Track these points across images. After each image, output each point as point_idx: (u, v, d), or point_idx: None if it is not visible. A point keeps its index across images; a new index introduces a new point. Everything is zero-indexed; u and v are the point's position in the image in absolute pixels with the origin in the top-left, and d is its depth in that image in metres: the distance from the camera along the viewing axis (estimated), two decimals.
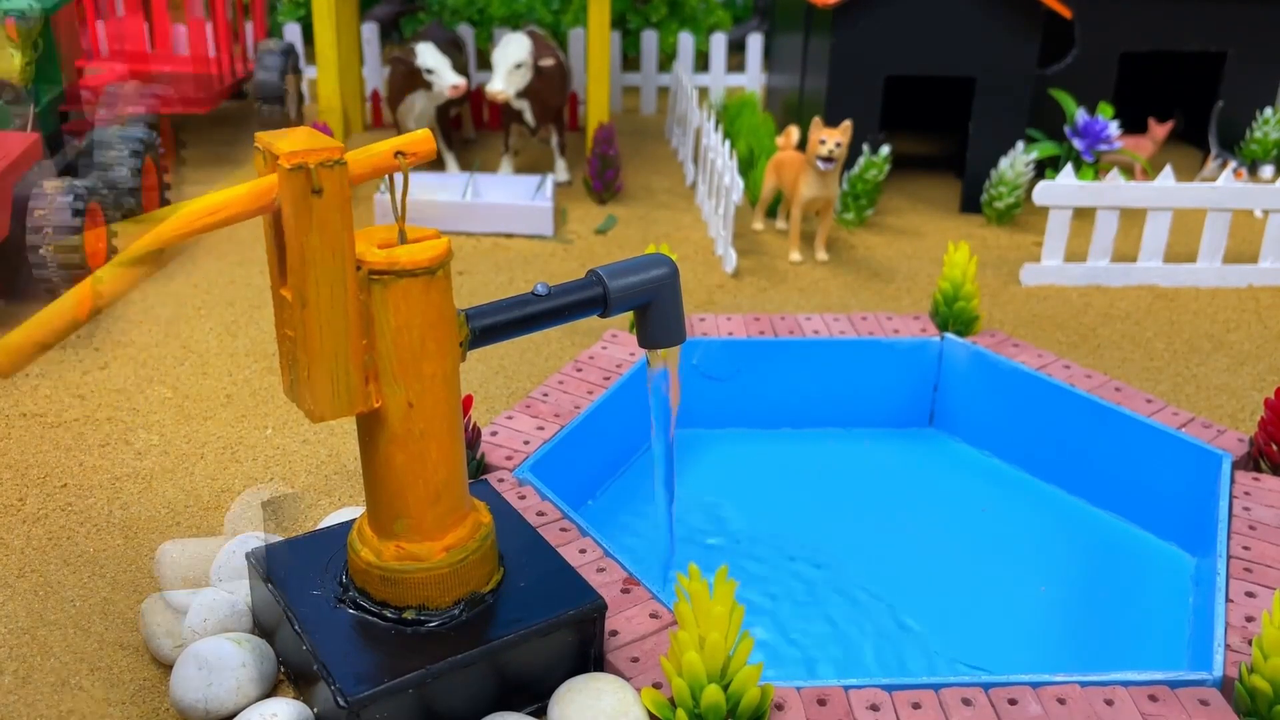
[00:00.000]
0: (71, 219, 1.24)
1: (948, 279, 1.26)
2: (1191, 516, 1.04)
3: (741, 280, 1.56)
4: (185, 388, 1.22)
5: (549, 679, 0.77)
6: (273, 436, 1.13)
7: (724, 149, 1.63)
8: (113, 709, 0.73)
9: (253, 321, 1.39)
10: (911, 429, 1.24)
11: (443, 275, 0.70)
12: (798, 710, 0.76)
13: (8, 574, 0.85)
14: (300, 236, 0.65)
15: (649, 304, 0.81)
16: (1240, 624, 0.84)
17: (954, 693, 0.77)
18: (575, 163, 2.04)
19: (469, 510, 0.77)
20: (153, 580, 0.85)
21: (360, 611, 0.76)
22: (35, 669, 0.76)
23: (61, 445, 1.02)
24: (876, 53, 1.78)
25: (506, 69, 1.76)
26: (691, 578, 0.75)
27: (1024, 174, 1.75)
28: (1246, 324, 1.45)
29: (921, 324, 1.27)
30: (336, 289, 0.66)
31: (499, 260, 1.62)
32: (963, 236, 1.72)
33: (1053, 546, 1.03)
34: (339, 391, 0.69)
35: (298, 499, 1.03)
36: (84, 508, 0.93)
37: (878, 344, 1.23)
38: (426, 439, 0.72)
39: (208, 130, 2.20)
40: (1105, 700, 0.77)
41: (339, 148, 0.64)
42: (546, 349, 1.33)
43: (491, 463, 1.01)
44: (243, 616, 0.84)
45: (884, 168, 1.74)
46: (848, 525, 1.05)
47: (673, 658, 0.75)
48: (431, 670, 0.72)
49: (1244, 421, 1.20)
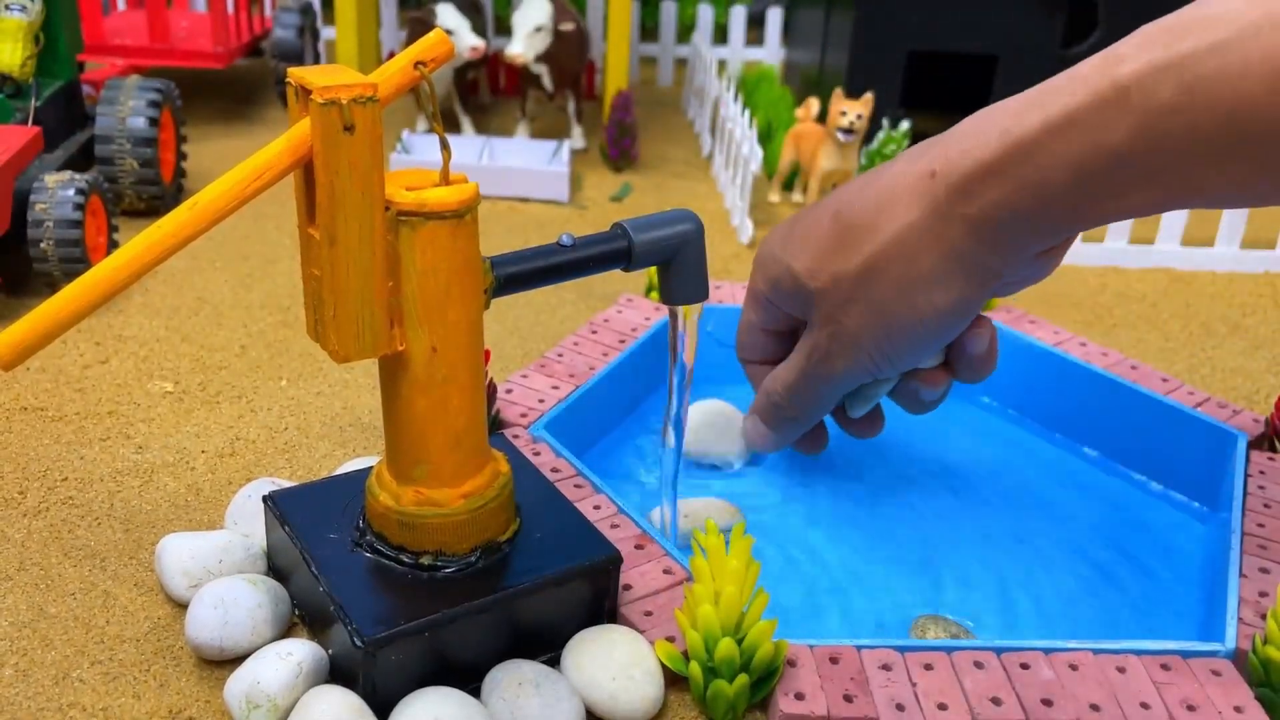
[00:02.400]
0: (73, 213, 1.23)
1: None
2: (1206, 493, 1.04)
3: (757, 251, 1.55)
4: (200, 338, 1.22)
5: (563, 629, 0.78)
6: (287, 387, 1.13)
7: (743, 119, 1.62)
8: (113, 701, 0.73)
9: (267, 275, 1.38)
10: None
11: (470, 220, 0.69)
12: (810, 667, 0.76)
13: (8, 567, 0.85)
14: (330, 174, 0.64)
15: (673, 259, 0.81)
16: (1254, 598, 0.84)
17: (966, 656, 0.77)
18: (591, 130, 2.04)
19: (488, 459, 0.77)
20: (153, 574, 0.85)
21: (377, 555, 0.76)
22: (35, 662, 0.76)
23: (62, 440, 1.02)
24: (899, 28, 1.77)
25: (526, 32, 1.75)
26: (709, 532, 0.76)
27: None
28: (1263, 308, 1.45)
29: None
30: (365, 228, 0.66)
31: (513, 224, 1.61)
32: None
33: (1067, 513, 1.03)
34: (363, 332, 0.69)
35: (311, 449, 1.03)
36: (85, 500, 0.93)
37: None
38: (449, 385, 0.72)
39: (223, 87, 2.20)
40: (1117, 668, 0.77)
41: (373, 85, 0.64)
42: (561, 311, 1.33)
43: (506, 419, 1.01)
44: (258, 560, 0.84)
45: (903, 143, 1.74)
46: (860, 487, 1.05)
47: (687, 611, 0.75)
48: (448, 614, 0.72)
49: (1259, 403, 1.20)
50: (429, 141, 1.80)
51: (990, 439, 1.15)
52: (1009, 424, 1.18)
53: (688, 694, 0.77)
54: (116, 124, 1.46)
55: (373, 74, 0.69)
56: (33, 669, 0.76)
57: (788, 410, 0.95)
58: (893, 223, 0.82)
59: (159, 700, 0.74)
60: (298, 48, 2.06)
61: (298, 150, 0.66)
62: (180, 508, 0.93)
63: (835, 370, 0.89)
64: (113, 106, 1.47)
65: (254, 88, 2.23)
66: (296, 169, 0.68)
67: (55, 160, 1.41)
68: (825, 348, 0.88)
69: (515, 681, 0.72)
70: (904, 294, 0.82)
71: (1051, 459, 1.12)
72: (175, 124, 1.59)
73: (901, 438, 1.14)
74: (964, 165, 0.78)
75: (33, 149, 1.31)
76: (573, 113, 1.93)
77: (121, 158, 1.47)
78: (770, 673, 0.74)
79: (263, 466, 1.00)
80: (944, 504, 1.04)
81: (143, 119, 1.47)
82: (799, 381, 0.92)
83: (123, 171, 1.47)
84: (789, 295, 0.90)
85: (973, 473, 1.09)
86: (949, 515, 1.02)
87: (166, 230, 0.66)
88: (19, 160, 1.26)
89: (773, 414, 0.96)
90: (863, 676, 0.75)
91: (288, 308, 1.30)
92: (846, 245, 0.84)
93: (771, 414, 0.96)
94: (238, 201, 0.66)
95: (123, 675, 0.76)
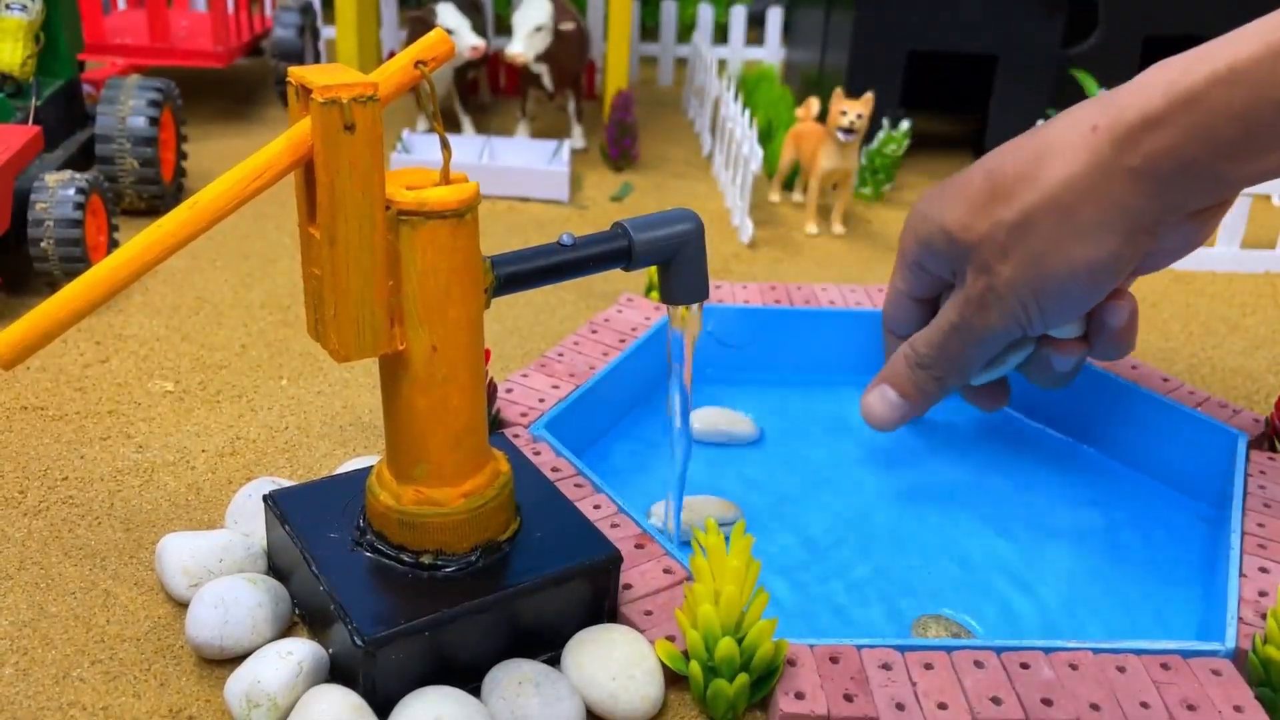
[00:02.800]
0: (73, 212, 1.24)
1: None
2: (1206, 493, 1.04)
3: (757, 251, 1.55)
4: (201, 338, 1.22)
5: (563, 629, 0.78)
6: (288, 387, 1.13)
7: (743, 118, 1.62)
8: (113, 700, 0.73)
9: (268, 275, 1.38)
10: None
11: (470, 219, 0.69)
12: (810, 667, 0.76)
13: (9, 566, 0.85)
14: (330, 173, 0.65)
15: (673, 259, 0.81)
16: (1254, 598, 0.84)
17: (966, 655, 0.77)
18: (591, 130, 2.04)
19: (488, 458, 0.77)
20: (154, 573, 0.85)
21: (377, 555, 0.76)
22: (36, 661, 0.76)
23: (63, 439, 1.02)
24: (900, 28, 1.77)
25: (526, 31, 1.75)
26: (709, 532, 0.76)
27: None
28: (1263, 308, 1.45)
29: None
30: (365, 227, 0.66)
31: (513, 223, 1.61)
32: None
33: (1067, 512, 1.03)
34: (364, 331, 0.69)
35: (311, 448, 1.03)
36: (85, 500, 0.93)
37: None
38: (449, 384, 0.72)
39: (223, 87, 2.20)
40: (1117, 667, 0.77)
41: (373, 84, 0.64)
42: (561, 311, 1.33)
43: (507, 419, 1.01)
44: (258, 559, 0.84)
45: (904, 142, 1.74)
46: (860, 486, 1.05)
47: (687, 610, 0.75)
48: (448, 614, 0.72)
49: (1259, 403, 1.20)
50: (429, 141, 1.80)
51: (991, 438, 1.15)
52: (1010, 423, 1.18)
53: (688, 693, 0.77)
54: (117, 123, 1.46)
55: (373, 73, 0.69)
56: (33, 668, 0.76)
57: (932, 369, 0.95)
58: (1052, 174, 0.84)
59: (159, 699, 0.74)
60: (298, 47, 2.06)
61: (298, 149, 0.66)
62: (180, 507, 0.93)
63: (986, 322, 0.89)
64: (113, 106, 1.47)
65: (254, 87, 2.23)
66: (297, 168, 0.68)
67: (55, 159, 1.41)
68: (977, 300, 0.89)
69: (515, 681, 0.72)
70: (1060, 245, 0.83)
71: (1052, 458, 1.12)
72: (175, 123, 1.59)
73: (902, 437, 1.14)
74: (1128, 117, 0.81)
75: (33, 148, 1.31)
76: (573, 112, 1.93)
77: (122, 157, 1.47)
78: (770, 672, 0.74)
79: (263, 466, 1.00)
80: (944, 503, 1.04)
81: (143, 118, 1.47)
82: (946, 337, 0.92)
83: (123, 171, 1.47)
84: (940, 254, 0.92)
85: (973, 472, 1.09)
86: (950, 514, 1.02)
87: (166, 229, 0.66)
88: (19, 159, 1.26)
89: (911, 378, 0.96)
90: (863, 676, 0.75)
91: (288, 307, 1.30)
92: (1003, 197, 0.86)
93: (909, 378, 0.97)
94: (238, 201, 0.66)
95: (123, 674, 0.76)
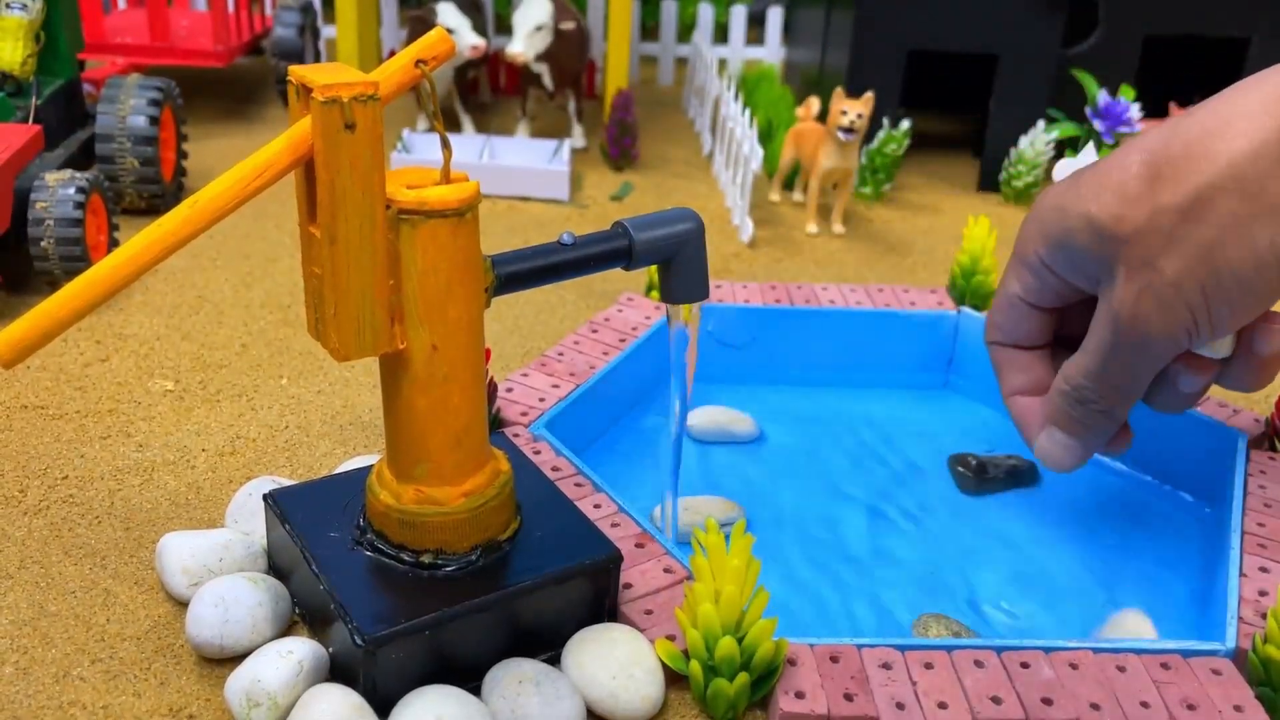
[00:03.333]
0: (73, 211, 1.24)
1: (967, 252, 1.26)
2: (1206, 492, 1.04)
3: (757, 250, 1.55)
4: (201, 337, 1.22)
5: (563, 628, 0.78)
6: (288, 386, 1.13)
7: (743, 118, 1.62)
8: (114, 699, 0.73)
9: (268, 274, 1.38)
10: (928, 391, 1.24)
11: (471, 218, 0.69)
12: (810, 666, 0.76)
13: (9, 565, 0.85)
14: (331, 172, 0.65)
15: (673, 258, 0.81)
16: (1254, 598, 0.84)
17: (967, 655, 0.77)
18: (592, 129, 2.04)
19: (488, 458, 0.77)
20: (154, 572, 0.85)
21: (378, 554, 0.76)
22: (36, 660, 0.76)
23: (63, 438, 1.02)
24: (900, 27, 1.77)
25: (527, 31, 1.75)
26: (709, 531, 0.76)
27: (1044, 153, 1.75)
28: None
29: (938, 297, 1.27)
30: (365, 226, 0.66)
31: (514, 223, 1.61)
32: (980, 214, 1.72)
33: (1067, 511, 1.03)
34: (364, 330, 0.69)
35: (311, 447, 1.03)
36: (85, 499, 0.93)
37: (894, 315, 1.23)
38: (449, 383, 0.72)
39: (223, 86, 2.20)
40: (1118, 667, 0.77)
41: (373, 83, 0.64)
42: (561, 310, 1.33)
43: (507, 418, 1.01)
44: (258, 558, 0.84)
45: (904, 142, 1.74)
46: (861, 486, 1.05)
47: (687, 610, 0.75)
48: (448, 613, 0.72)
49: (1259, 403, 1.20)
50: (429, 140, 1.80)
51: (991, 438, 1.15)
52: (1010, 423, 1.18)
53: (688, 692, 0.77)
54: (117, 122, 1.46)
55: (373, 72, 0.69)
56: (33, 667, 0.76)
57: (1097, 403, 0.81)
58: (1232, 147, 0.70)
59: (159, 698, 0.74)
60: (298, 46, 2.06)
61: (298, 148, 0.66)
62: (181, 506, 0.93)
63: (1150, 332, 0.74)
64: (113, 105, 1.47)
65: (254, 86, 2.23)
66: (297, 167, 0.68)
67: (56, 159, 1.41)
68: (1134, 307, 0.73)
69: (516, 680, 0.72)
70: (1241, 231, 0.69)
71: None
72: (176, 122, 1.59)
73: (903, 437, 1.14)
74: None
75: (33, 147, 1.31)
76: (573, 112, 1.93)
77: (122, 156, 1.47)
78: (770, 671, 0.74)
79: (263, 465, 1.00)
80: (945, 503, 1.04)
81: (143, 117, 1.47)
82: (1106, 359, 0.77)
83: (123, 170, 1.47)
84: (1081, 252, 0.76)
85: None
86: (950, 514, 1.02)
87: (167, 229, 0.66)
88: (19, 159, 1.26)
89: (1076, 414, 0.82)
90: (863, 675, 0.75)
91: (288, 306, 1.30)
92: (1166, 179, 0.71)
93: (1075, 415, 0.83)
94: (238, 200, 0.66)
95: (123, 673, 0.76)
